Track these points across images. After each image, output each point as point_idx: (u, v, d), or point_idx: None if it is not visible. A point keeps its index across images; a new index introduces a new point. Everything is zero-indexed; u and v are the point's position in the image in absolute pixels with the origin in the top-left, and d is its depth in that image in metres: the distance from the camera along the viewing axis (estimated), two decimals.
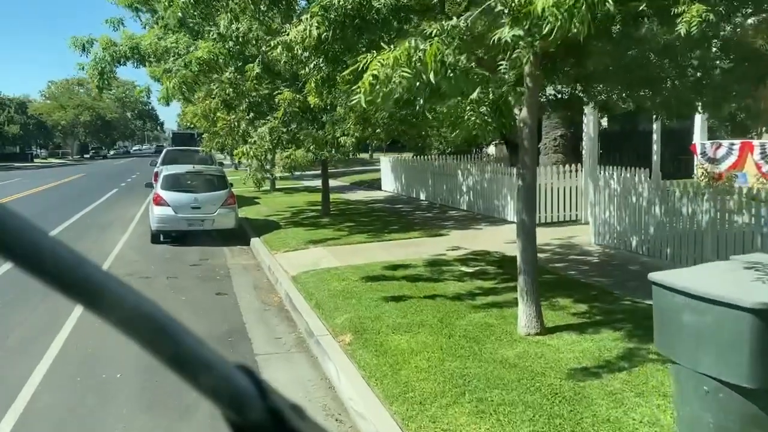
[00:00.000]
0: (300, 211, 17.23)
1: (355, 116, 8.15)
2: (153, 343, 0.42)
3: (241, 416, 0.44)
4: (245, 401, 0.44)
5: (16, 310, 8.14)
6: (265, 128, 7.37)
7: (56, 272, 0.39)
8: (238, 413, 0.44)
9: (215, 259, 11.46)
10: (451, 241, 11.59)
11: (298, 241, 12.07)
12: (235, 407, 0.44)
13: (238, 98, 13.03)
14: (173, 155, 19.96)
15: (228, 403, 0.44)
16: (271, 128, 7.38)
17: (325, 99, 8.22)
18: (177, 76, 7.77)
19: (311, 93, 8.04)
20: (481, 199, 14.61)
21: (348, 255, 10.61)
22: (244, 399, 0.44)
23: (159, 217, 12.59)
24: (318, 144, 8.44)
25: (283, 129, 8.03)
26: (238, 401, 0.44)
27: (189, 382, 0.43)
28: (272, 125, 7.42)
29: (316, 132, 8.49)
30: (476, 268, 9.14)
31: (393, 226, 13.36)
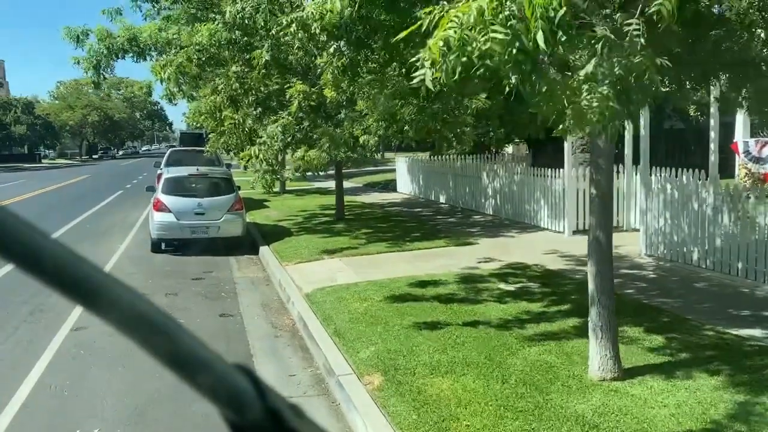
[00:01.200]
0: (312, 215, 16.12)
1: (378, 112, 7.02)
2: (151, 343, 0.42)
3: (239, 416, 0.44)
4: (244, 401, 0.44)
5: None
6: (277, 126, 6.25)
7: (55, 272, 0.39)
8: (236, 413, 0.44)
9: (220, 272, 10.37)
10: (482, 250, 10.43)
11: (311, 250, 10.96)
12: (233, 407, 0.44)
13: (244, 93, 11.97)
14: (178, 156, 18.90)
15: (226, 402, 0.44)
16: (284, 125, 6.26)
17: (345, 92, 7.12)
18: (173, 64, 6.68)
19: (327, 85, 6.93)
20: (509, 203, 13.43)
21: (367, 268, 9.48)
22: (243, 398, 0.44)
23: (160, 224, 11.52)
24: (335, 143, 7.34)
25: (297, 126, 6.91)
26: (236, 401, 0.44)
27: (187, 381, 0.43)
28: (285, 122, 6.30)
29: (334, 130, 7.39)
30: (517, 285, 7.98)
31: (414, 233, 12.21)
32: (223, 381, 0.44)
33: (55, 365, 6.13)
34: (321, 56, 7.38)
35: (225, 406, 0.44)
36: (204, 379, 0.43)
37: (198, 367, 0.43)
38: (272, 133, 6.28)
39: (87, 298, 0.40)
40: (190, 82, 14.07)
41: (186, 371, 0.43)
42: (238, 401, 0.44)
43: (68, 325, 7.37)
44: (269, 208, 17.77)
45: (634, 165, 11.43)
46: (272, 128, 6.24)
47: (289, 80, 11.24)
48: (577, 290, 7.61)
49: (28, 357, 6.33)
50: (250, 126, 7.02)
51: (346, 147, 8.10)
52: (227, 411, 0.44)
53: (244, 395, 0.45)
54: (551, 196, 11.84)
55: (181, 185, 12.20)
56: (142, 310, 0.42)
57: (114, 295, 0.41)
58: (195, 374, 0.43)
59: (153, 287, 9.15)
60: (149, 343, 0.42)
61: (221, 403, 0.44)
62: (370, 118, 7.20)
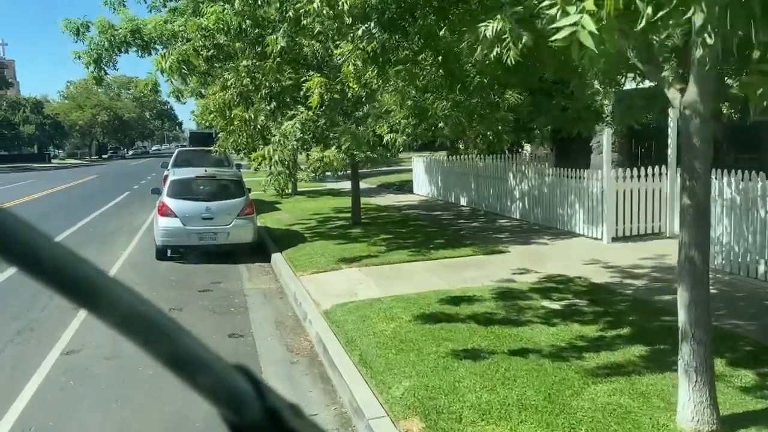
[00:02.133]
0: (326, 218, 15.27)
1: (407, 108, 6.15)
2: (150, 343, 0.42)
3: (239, 416, 0.44)
4: (243, 401, 0.44)
5: None
6: (295, 122, 5.39)
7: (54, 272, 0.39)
8: (236, 413, 0.44)
9: (229, 282, 9.54)
10: (514, 260, 9.53)
11: (328, 258, 10.11)
12: (233, 407, 0.44)
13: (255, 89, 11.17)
14: (186, 156, 18.14)
15: (226, 402, 0.44)
16: (303, 121, 5.41)
17: (369, 85, 6.27)
18: (175, 52, 5.85)
19: (349, 77, 6.06)
20: (538, 207, 12.51)
21: (390, 280, 8.62)
22: (242, 399, 0.44)
23: (165, 230, 10.71)
24: (357, 143, 6.48)
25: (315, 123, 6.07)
26: (236, 401, 0.44)
27: (187, 382, 0.43)
28: (304, 117, 5.45)
29: (356, 128, 6.54)
30: (563, 302, 7.09)
31: (438, 240, 11.33)
32: (222, 381, 0.44)
33: (39, 399, 5.32)
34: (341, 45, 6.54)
35: (225, 406, 0.44)
36: (204, 380, 0.43)
37: (198, 368, 0.43)
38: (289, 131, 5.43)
39: (87, 298, 0.40)
40: (198, 78, 13.30)
41: (186, 372, 0.42)
42: (237, 401, 0.44)
43: (59, 347, 6.57)
44: (281, 211, 16.95)
45: (679, 165, 10.49)
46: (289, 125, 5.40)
47: (304, 74, 10.42)
48: (633, 309, 6.72)
49: (10, 388, 5.53)
50: (263, 123, 6.15)
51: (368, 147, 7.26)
52: (227, 411, 0.44)
53: (244, 395, 0.44)
54: (588, 199, 10.92)
55: (187, 188, 11.39)
56: (142, 310, 0.42)
57: (114, 296, 0.41)
58: (195, 375, 0.43)
59: (156, 300, 8.21)
60: (149, 344, 0.42)
61: (221, 403, 0.44)
62: (398, 114, 6.34)
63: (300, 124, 5.39)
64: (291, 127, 5.27)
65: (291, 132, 5.30)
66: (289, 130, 5.31)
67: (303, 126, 5.52)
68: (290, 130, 5.26)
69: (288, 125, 5.32)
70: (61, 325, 7.26)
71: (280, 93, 5.93)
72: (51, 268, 0.39)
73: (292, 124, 5.24)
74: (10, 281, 8.90)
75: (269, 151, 4.83)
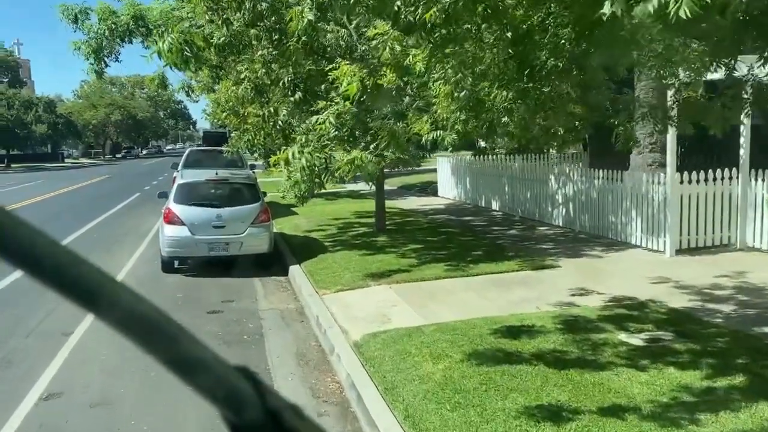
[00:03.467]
0: (347, 224, 14.12)
1: (461, 99, 4.96)
2: (150, 344, 0.41)
3: (239, 416, 0.44)
4: (243, 401, 0.44)
5: None
6: (328, 115, 4.22)
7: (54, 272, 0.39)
8: (236, 413, 0.44)
9: (242, 301, 8.41)
10: (568, 277, 8.30)
11: (353, 273, 8.94)
12: (233, 407, 0.44)
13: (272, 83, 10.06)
14: (197, 157, 17.05)
15: (226, 403, 0.43)
16: (338, 113, 4.24)
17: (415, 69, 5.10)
18: (175, 30, 4.70)
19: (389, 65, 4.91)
20: (586, 214, 11.24)
21: (427, 301, 7.43)
22: (243, 399, 0.44)
23: (171, 239, 9.61)
24: (396, 142, 5.30)
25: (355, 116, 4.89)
26: (236, 401, 0.44)
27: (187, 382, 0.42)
28: (341, 109, 4.28)
29: (394, 124, 5.38)
30: (644, 335, 5.85)
31: (474, 251, 10.11)
32: (223, 382, 0.43)
33: None
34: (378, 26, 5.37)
35: (225, 406, 0.43)
36: (204, 380, 0.43)
37: (198, 368, 0.42)
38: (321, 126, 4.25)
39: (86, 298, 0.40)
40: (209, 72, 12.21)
41: (186, 372, 0.42)
42: (238, 402, 0.44)
43: (38, 389, 5.46)
44: (297, 216, 15.81)
45: (753, 168, 9.21)
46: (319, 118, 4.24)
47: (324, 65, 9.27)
48: (735, 346, 5.48)
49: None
50: (285, 119, 4.98)
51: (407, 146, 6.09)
52: (227, 412, 0.44)
53: (244, 396, 0.44)
54: (647, 205, 9.64)
55: (196, 193, 10.28)
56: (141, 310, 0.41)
57: (114, 296, 0.41)
58: (195, 375, 0.42)
59: None
60: (149, 344, 0.41)
61: (221, 403, 0.43)
62: (446, 108, 5.14)
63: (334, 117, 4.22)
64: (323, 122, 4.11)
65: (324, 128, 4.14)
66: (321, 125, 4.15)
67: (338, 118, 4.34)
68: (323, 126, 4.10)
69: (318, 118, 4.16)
70: (45, 357, 6.16)
71: (308, 80, 4.76)
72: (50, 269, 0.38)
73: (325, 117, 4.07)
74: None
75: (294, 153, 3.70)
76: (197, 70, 11.93)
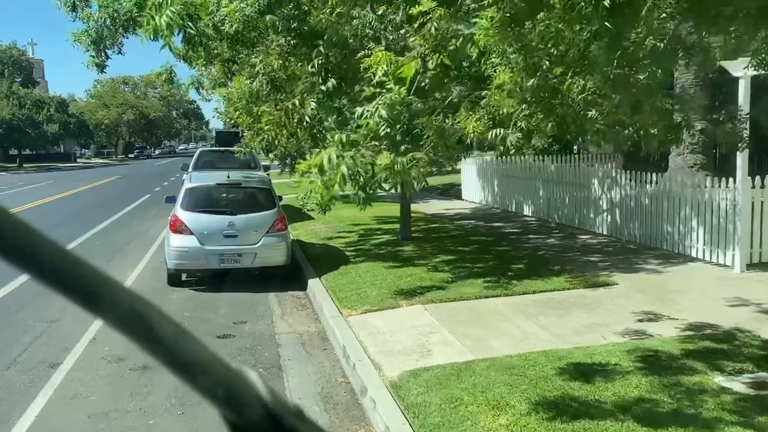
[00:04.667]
0: (368, 231, 13.12)
1: (528, 90, 3.94)
2: (150, 343, 0.42)
3: (239, 416, 0.44)
4: (244, 401, 0.44)
5: None
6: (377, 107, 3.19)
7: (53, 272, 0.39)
8: (236, 413, 0.44)
9: (257, 322, 7.43)
10: (630, 297, 7.24)
11: (381, 289, 7.94)
12: (233, 407, 0.44)
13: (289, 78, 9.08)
14: (208, 158, 16.12)
15: (226, 403, 0.43)
16: (392, 103, 3.23)
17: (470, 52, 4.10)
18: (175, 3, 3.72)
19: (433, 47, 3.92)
20: (635, 221, 10.15)
21: (471, 327, 6.41)
22: (243, 399, 0.44)
23: (178, 251, 8.65)
24: (445, 142, 4.28)
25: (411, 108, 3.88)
26: (236, 401, 0.44)
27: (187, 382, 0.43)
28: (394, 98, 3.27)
29: (443, 121, 4.37)
30: (746, 377, 4.79)
31: (515, 263, 9.06)
32: (223, 381, 0.43)
33: None
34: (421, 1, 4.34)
35: (225, 406, 0.43)
36: (204, 380, 0.43)
37: (198, 368, 0.43)
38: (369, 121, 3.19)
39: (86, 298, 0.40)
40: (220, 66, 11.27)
41: (186, 372, 0.42)
42: (238, 402, 0.44)
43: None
44: (314, 221, 14.82)
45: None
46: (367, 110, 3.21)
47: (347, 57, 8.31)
48: None
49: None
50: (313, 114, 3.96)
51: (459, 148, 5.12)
52: (227, 412, 0.44)
53: (244, 396, 0.44)
54: (711, 213, 8.54)
55: (206, 198, 9.33)
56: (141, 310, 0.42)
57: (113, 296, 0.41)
58: (195, 375, 0.43)
59: None
60: (149, 344, 0.42)
61: (221, 403, 0.43)
62: (511, 99, 4.12)
63: (387, 109, 3.19)
64: (372, 115, 3.11)
65: (372, 123, 3.13)
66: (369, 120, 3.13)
67: (391, 113, 3.29)
68: (371, 122, 3.10)
69: (365, 111, 3.15)
70: (26, 397, 5.21)
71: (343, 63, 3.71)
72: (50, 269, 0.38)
73: (374, 108, 3.07)
74: None
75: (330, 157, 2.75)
76: (207, 63, 11.00)
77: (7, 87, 51.68)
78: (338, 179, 2.94)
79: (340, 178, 2.91)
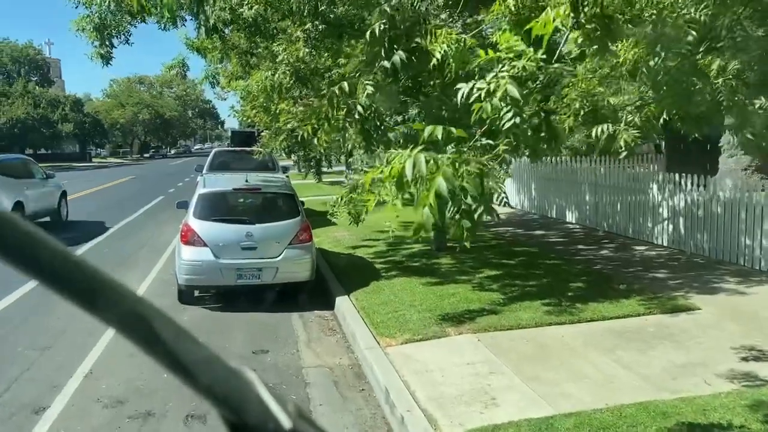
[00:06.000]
0: (397, 239, 12.03)
1: (649, 74, 2.86)
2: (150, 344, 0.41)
3: (239, 416, 0.43)
4: (243, 401, 0.44)
5: None
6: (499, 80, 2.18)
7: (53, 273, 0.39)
8: (236, 413, 0.43)
9: (280, 350, 6.40)
10: (721, 326, 6.10)
11: (422, 313, 6.88)
12: (233, 407, 0.43)
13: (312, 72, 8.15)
14: (224, 158, 15.14)
15: (226, 403, 0.43)
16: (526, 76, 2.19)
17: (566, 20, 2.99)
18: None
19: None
20: (703, 233, 8.98)
21: (539, 366, 5.33)
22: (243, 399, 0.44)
23: (190, 265, 7.64)
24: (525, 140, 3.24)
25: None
26: (236, 401, 0.43)
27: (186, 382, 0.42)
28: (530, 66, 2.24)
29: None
30: None
31: (572, 281, 7.94)
32: (222, 381, 0.43)
33: None
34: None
35: (224, 406, 0.43)
36: (204, 380, 0.42)
37: (198, 368, 0.42)
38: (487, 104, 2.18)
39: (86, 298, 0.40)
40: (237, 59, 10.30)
41: (186, 372, 0.42)
42: (237, 402, 0.43)
43: None
44: (336, 226, 13.73)
45: None
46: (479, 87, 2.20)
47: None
48: None
49: None
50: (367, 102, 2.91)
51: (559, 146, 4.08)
52: (227, 412, 0.43)
53: (244, 395, 0.44)
54: None
55: (221, 205, 8.31)
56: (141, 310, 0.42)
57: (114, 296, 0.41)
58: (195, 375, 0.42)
59: (166, 394, 5.18)
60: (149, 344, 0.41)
61: (221, 403, 0.43)
62: (631, 90, 3.04)
63: (516, 86, 2.15)
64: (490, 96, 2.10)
65: (491, 108, 2.10)
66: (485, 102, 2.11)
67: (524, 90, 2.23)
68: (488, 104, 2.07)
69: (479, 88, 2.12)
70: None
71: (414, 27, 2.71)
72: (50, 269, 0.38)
73: (492, 84, 2.02)
74: None
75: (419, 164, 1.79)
76: (223, 56, 10.04)
77: (22, 86, 51.30)
78: (430, 199, 1.89)
79: (433, 197, 1.87)
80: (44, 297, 8.07)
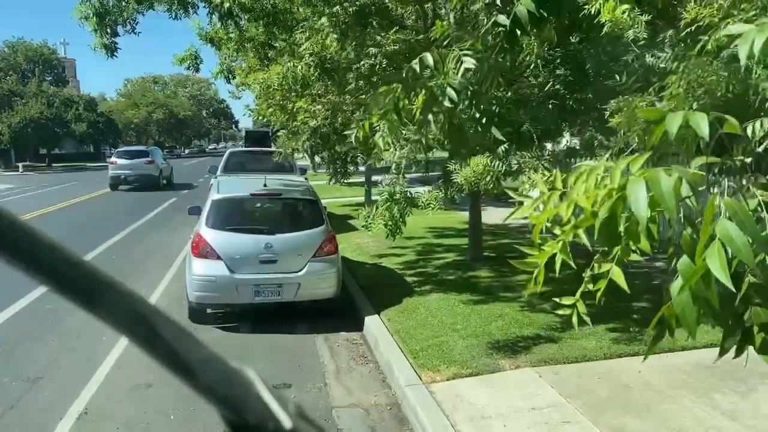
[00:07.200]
0: (427, 247, 11.15)
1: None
2: (150, 344, 0.41)
3: (239, 416, 0.43)
4: (243, 401, 0.43)
5: None
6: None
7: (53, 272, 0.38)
8: (236, 413, 0.43)
9: (304, 384, 5.50)
10: None
11: (468, 339, 5.97)
12: (233, 407, 0.43)
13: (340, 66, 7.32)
14: (239, 159, 14.33)
15: (226, 403, 0.43)
16: None
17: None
18: None
19: None
20: None
21: (621, 412, 4.40)
22: (243, 399, 0.43)
23: (203, 281, 6.78)
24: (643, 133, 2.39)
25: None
26: (236, 401, 0.43)
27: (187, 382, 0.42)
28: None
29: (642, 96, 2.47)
30: None
31: (635, 300, 6.97)
32: (222, 381, 0.42)
33: None
34: None
35: (225, 406, 0.42)
36: (204, 380, 0.42)
37: (198, 368, 0.42)
38: None
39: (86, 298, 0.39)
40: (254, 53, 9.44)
41: (186, 372, 0.41)
42: (237, 401, 0.43)
43: None
44: (358, 231, 12.84)
45: None
46: None
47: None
48: None
49: None
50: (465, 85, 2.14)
51: None
52: (227, 412, 0.43)
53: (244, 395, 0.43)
54: None
55: (237, 212, 7.44)
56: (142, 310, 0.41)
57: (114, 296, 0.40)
58: (195, 375, 0.42)
59: (179, 424, 4.29)
60: (149, 344, 0.41)
61: (221, 403, 0.42)
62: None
63: None
64: None
65: None
66: None
67: None
68: None
69: None
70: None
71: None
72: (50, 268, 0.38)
73: None
74: None
75: None
76: (238, 49, 9.17)
77: (36, 86, 50.99)
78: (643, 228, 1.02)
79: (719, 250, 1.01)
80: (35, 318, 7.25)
